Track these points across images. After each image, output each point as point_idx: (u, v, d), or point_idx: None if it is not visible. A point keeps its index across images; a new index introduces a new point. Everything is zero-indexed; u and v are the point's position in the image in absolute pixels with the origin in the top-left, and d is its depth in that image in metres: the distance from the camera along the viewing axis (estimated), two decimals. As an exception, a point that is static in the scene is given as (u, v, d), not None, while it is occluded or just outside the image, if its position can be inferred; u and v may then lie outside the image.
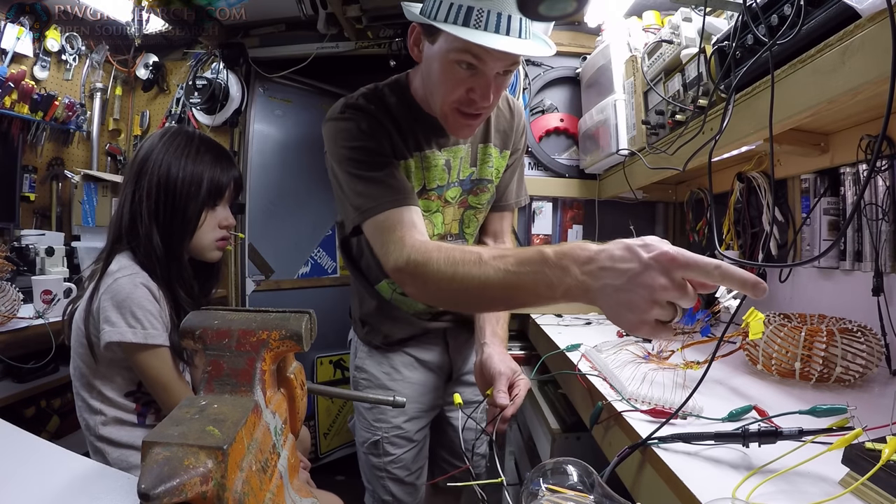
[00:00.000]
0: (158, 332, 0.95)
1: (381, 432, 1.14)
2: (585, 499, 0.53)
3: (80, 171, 2.38)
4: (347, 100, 1.00)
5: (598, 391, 0.88)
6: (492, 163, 1.10)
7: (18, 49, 2.16)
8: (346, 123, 0.95)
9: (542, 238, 2.02)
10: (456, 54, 0.85)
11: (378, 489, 1.17)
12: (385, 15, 2.02)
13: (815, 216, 1.18)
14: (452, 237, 1.12)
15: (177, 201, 1.02)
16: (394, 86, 1.03)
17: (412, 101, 1.01)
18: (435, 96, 0.92)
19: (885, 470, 0.48)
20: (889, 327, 0.98)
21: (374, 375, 1.17)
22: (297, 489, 0.60)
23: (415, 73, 1.02)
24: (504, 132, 1.12)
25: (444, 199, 1.06)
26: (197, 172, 1.03)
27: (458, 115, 0.91)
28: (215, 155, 1.08)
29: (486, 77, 0.87)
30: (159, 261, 1.01)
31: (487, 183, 1.11)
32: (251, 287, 2.50)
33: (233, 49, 2.33)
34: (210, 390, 0.52)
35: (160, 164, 1.02)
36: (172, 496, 0.39)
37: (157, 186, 1.01)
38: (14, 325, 1.47)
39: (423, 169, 1.02)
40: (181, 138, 1.06)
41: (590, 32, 1.91)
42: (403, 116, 0.99)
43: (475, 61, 0.85)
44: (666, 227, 2.05)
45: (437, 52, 0.87)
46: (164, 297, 1.00)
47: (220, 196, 1.08)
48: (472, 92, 0.88)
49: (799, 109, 0.76)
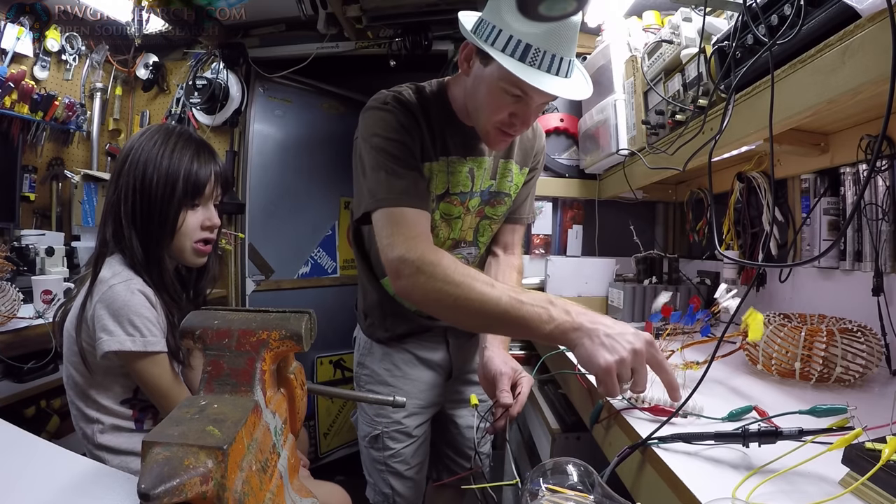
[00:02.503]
0: (157, 338, 0.93)
1: (381, 427, 1.17)
2: (585, 499, 0.53)
3: (80, 171, 2.38)
4: (392, 91, 1.03)
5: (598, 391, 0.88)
6: (511, 178, 1.15)
7: (18, 49, 2.16)
8: (388, 115, 0.98)
9: (542, 238, 2.02)
10: (507, 85, 0.91)
11: (378, 482, 1.20)
12: (385, 15, 2.02)
13: (815, 216, 1.18)
14: (466, 244, 1.15)
15: (153, 203, 0.96)
16: (436, 89, 1.07)
17: (449, 108, 1.05)
18: (480, 113, 0.98)
19: (885, 470, 0.48)
20: (889, 327, 0.98)
21: (376, 372, 1.20)
22: (297, 489, 0.60)
23: (455, 82, 1.06)
24: (525, 150, 1.17)
25: (466, 207, 1.10)
26: (172, 170, 0.97)
27: (498, 133, 0.98)
28: (194, 150, 1.01)
29: (529, 107, 0.95)
30: (141, 266, 0.97)
31: (505, 196, 1.15)
32: (251, 287, 2.50)
33: (233, 49, 2.33)
34: (210, 390, 0.52)
35: (136, 163, 0.96)
36: (172, 496, 0.39)
37: (132, 188, 0.96)
38: (14, 325, 1.47)
39: (449, 173, 1.06)
40: (159, 135, 1.00)
41: (590, 32, 1.91)
42: (438, 120, 1.03)
43: (522, 94, 0.92)
44: (666, 227, 2.05)
45: (488, 76, 0.93)
46: (159, 301, 0.97)
47: (198, 194, 1.00)
48: (514, 117, 0.95)
49: (799, 109, 0.76)
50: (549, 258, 1.84)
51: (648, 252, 1.68)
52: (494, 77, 0.91)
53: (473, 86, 0.97)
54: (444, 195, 1.07)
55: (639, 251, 1.69)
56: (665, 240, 2.04)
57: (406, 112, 0.98)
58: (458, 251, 1.15)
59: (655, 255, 1.66)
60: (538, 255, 1.99)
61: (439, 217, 1.08)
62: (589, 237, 2.01)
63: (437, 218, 1.08)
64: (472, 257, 1.18)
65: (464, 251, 1.16)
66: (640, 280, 1.63)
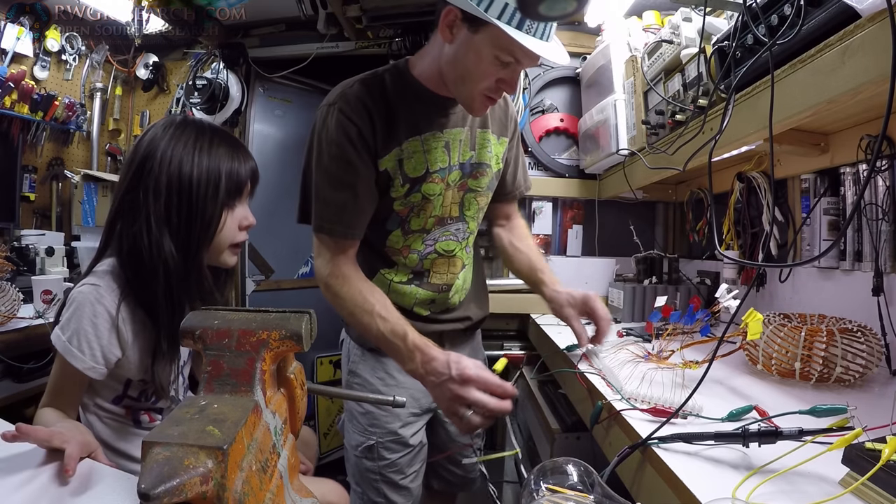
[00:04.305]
0: (82, 357, 0.84)
1: (375, 437, 1.11)
2: (585, 499, 0.53)
3: (80, 171, 2.38)
4: (344, 88, 1.01)
5: (598, 391, 0.88)
6: (490, 148, 1.13)
7: (18, 49, 2.17)
8: (334, 120, 0.98)
9: (542, 238, 2.02)
10: (501, 53, 0.90)
11: (369, 491, 1.14)
12: (385, 15, 2.02)
13: (815, 216, 1.18)
14: (452, 220, 1.12)
15: (193, 203, 0.89)
16: (393, 70, 1.05)
17: (415, 83, 1.03)
18: (465, 81, 0.96)
19: (885, 470, 0.48)
20: (889, 327, 0.98)
21: (368, 381, 1.14)
22: (297, 489, 0.60)
23: (422, 55, 1.04)
24: (500, 119, 1.16)
25: (446, 183, 1.08)
26: (213, 168, 0.91)
27: (484, 99, 0.97)
28: (231, 146, 0.96)
29: (516, 72, 0.95)
30: (170, 276, 0.88)
31: (486, 167, 1.13)
32: (251, 287, 2.50)
33: (233, 49, 2.33)
34: (210, 390, 0.52)
35: (169, 160, 0.88)
36: (172, 496, 0.39)
37: (167, 187, 0.88)
38: (14, 325, 1.47)
39: (425, 152, 1.04)
40: (190, 129, 0.92)
41: (590, 32, 1.91)
42: (402, 101, 1.02)
43: (514, 60, 0.91)
44: (666, 227, 2.05)
45: (478, 43, 0.90)
46: (131, 321, 0.88)
47: (239, 193, 0.96)
48: (502, 82, 0.95)
49: (799, 109, 0.76)
50: (548, 258, 1.84)
51: (648, 252, 1.68)
52: (487, 44, 0.89)
53: (458, 54, 0.94)
54: (424, 176, 1.04)
55: (639, 251, 1.69)
56: (665, 240, 2.04)
57: (356, 111, 0.98)
58: (445, 228, 1.11)
59: (655, 255, 1.66)
60: (538, 255, 1.98)
61: (420, 198, 1.05)
62: (589, 237, 2.01)
63: (419, 199, 1.05)
64: (462, 233, 1.14)
65: (451, 227, 1.12)
66: (640, 280, 1.63)
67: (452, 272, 1.14)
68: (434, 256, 1.11)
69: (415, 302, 1.12)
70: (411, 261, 1.09)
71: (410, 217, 1.06)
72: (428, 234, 1.09)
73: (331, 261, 1.00)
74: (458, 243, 1.13)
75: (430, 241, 1.10)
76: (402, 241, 1.08)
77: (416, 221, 1.07)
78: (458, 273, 1.14)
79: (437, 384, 0.87)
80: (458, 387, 0.84)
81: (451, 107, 1.05)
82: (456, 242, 1.13)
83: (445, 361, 0.87)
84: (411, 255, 1.09)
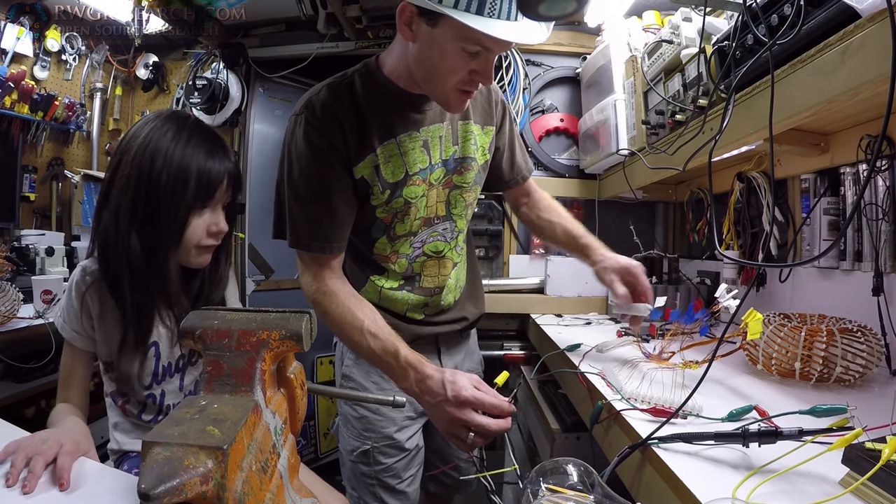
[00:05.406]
0: (66, 327, 0.91)
1: (370, 442, 1.09)
2: (585, 499, 0.53)
3: (80, 171, 2.38)
4: (311, 95, 0.97)
5: (598, 391, 0.88)
6: (474, 140, 1.08)
7: (18, 49, 2.16)
8: (301, 131, 0.95)
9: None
10: (467, 44, 0.83)
11: (365, 496, 1.12)
12: (385, 15, 2.02)
13: (815, 216, 1.18)
14: (439, 219, 1.08)
15: (160, 202, 0.85)
16: (363, 71, 1.00)
17: (386, 83, 0.99)
18: (435, 78, 0.90)
19: (885, 470, 0.48)
20: (889, 327, 0.98)
21: (363, 385, 1.12)
22: (297, 489, 0.60)
23: (389, 54, 0.99)
24: (482, 108, 1.11)
25: (428, 183, 1.04)
26: (183, 166, 0.85)
27: (458, 94, 0.92)
28: (210, 145, 0.89)
29: (489, 61, 0.88)
30: (134, 272, 0.86)
31: (471, 161, 1.09)
32: (251, 287, 2.50)
33: (233, 49, 2.33)
34: (210, 390, 0.52)
35: (143, 151, 0.85)
36: (172, 496, 0.40)
37: (136, 180, 0.84)
38: (14, 325, 1.47)
39: (402, 154, 1.00)
40: (171, 124, 0.88)
41: (590, 32, 1.92)
42: (373, 104, 0.98)
43: (483, 49, 0.85)
44: (666, 227, 2.05)
45: (439, 37, 0.85)
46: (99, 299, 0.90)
47: (210, 196, 0.89)
48: (475, 74, 0.89)
49: (799, 109, 0.76)
50: (549, 258, 1.85)
51: (648, 252, 1.68)
52: (449, 37, 0.83)
53: (421, 51, 0.89)
54: (404, 180, 1.00)
55: (639, 251, 1.69)
56: (665, 240, 2.04)
57: (321, 119, 0.94)
58: (433, 229, 1.08)
59: (655, 255, 1.66)
60: (538, 255, 1.98)
61: (403, 203, 1.02)
62: (589, 237, 2.01)
63: (401, 204, 1.01)
64: (450, 233, 1.10)
65: (438, 227, 1.08)
66: (640, 280, 1.63)
67: (443, 273, 1.11)
68: (423, 259, 1.08)
69: (407, 307, 1.10)
70: (400, 266, 1.07)
71: (395, 223, 1.04)
72: (415, 236, 1.06)
73: (315, 277, 0.98)
74: (447, 243, 1.10)
75: (417, 244, 1.07)
76: (388, 247, 1.06)
77: (401, 226, 1.04)
78: (449, 273, 1.12)
79: (432, 404, 0.86)
80: (455, 409, 0.82)
81: (426, 103, 1.00)
82: (444, 243, 1.10)
83: (440, 381, 0.84)
84: (400, 259, 1.07)
